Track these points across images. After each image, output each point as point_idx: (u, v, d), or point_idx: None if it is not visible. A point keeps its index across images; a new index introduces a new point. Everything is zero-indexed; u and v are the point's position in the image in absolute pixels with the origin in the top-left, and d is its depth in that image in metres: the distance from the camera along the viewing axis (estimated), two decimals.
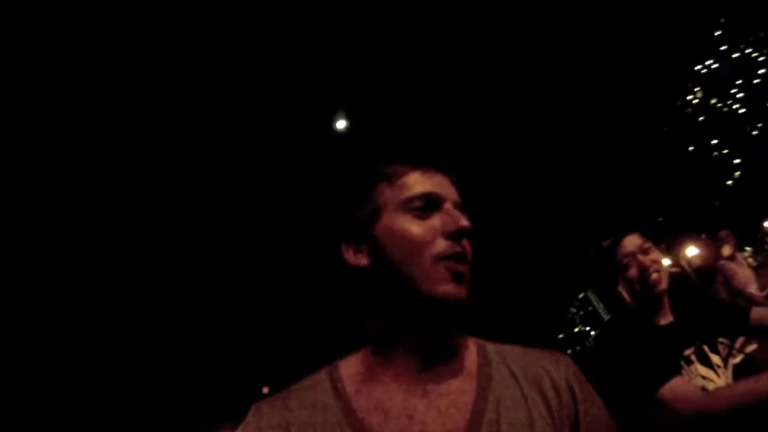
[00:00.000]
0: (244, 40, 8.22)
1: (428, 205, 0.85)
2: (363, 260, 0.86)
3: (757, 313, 1.80)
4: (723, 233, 4.47)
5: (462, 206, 0.87)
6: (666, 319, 1.78)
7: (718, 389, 1.50)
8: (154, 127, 7.75)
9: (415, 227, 0.82)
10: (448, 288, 0.78)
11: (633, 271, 1.81)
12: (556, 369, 0.86)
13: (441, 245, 0.80)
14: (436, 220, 0.83)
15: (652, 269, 1.77)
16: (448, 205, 0.85)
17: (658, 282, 1.76)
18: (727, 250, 4.40)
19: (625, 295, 1.86)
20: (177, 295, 8.78)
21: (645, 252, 1.81)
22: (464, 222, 0.81)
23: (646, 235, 1.93)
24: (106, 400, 8.15)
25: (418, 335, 0.82)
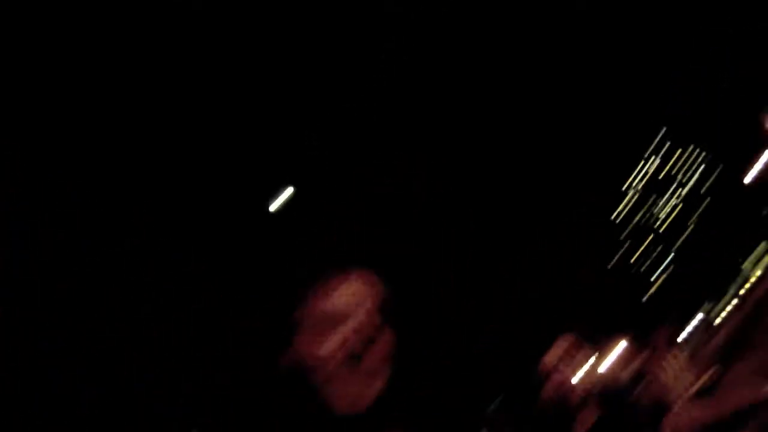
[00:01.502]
0: (248, 44, 8.27)
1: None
2: None
3: (671, 421, 1.73)
4: (653, 331, 4.34)
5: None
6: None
7: None
8: (154, 127, 7.76)
9: None
10: None
11: (548, 392, 1.78)
12: None
13: None
14: None
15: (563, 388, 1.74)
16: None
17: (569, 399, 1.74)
18: (654, 350, 4.24)
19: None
20: (177, 295, 8.79)
21: (559, 366, 1.79)
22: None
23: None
24: (106, 400, 8.15)
25: None
